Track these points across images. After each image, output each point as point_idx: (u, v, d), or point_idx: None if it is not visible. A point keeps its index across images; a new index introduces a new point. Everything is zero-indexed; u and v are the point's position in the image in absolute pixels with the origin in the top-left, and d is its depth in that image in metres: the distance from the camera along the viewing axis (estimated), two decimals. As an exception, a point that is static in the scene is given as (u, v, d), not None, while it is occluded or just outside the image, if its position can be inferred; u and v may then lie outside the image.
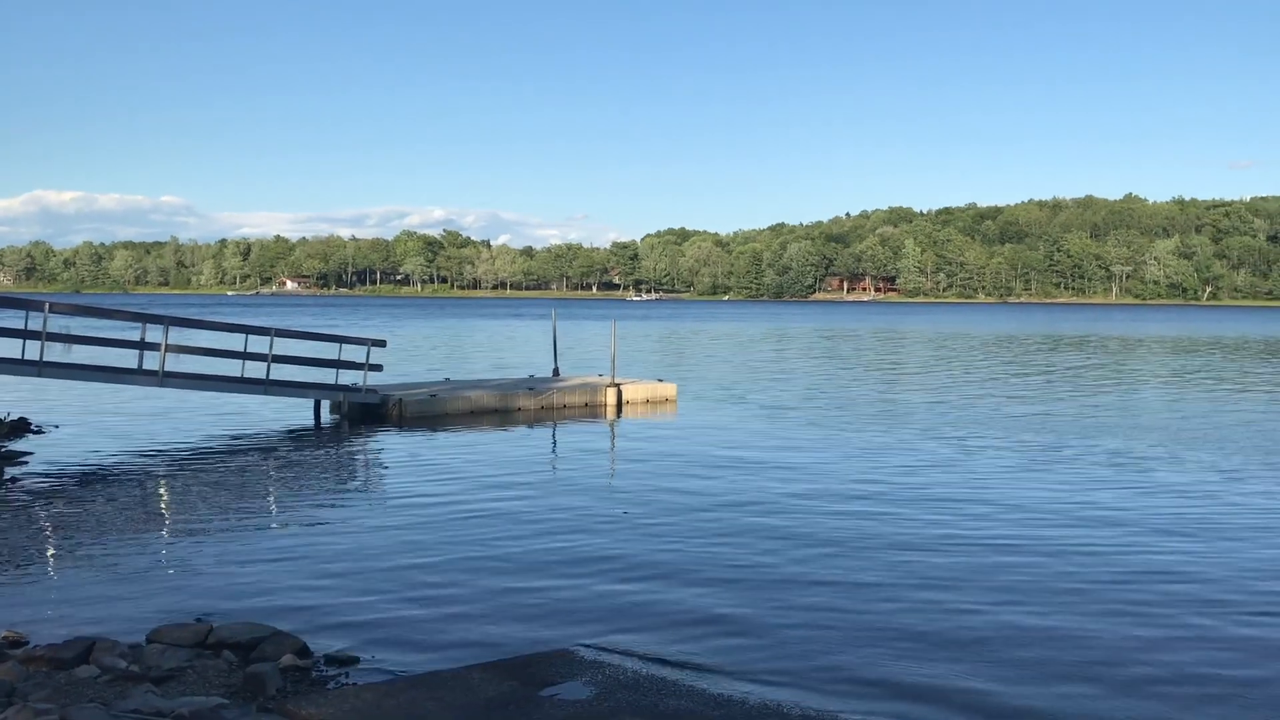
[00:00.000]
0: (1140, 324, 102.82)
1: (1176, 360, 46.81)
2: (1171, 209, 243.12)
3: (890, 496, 14.54)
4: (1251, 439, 20.57)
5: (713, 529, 12.42)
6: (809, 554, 11.25)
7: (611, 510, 13.49)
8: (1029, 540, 11.99)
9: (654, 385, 27.04)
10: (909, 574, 10.51)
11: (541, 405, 24.51)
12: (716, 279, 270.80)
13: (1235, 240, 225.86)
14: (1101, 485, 15.50)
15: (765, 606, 9.41)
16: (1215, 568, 10.86)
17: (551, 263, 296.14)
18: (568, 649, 8.18)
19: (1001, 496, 14.59)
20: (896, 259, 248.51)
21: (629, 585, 10.03)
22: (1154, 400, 28.42)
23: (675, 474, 16.22)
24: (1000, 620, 9.08)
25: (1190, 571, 10.70)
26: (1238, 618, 9.23)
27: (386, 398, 22.92)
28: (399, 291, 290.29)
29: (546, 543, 11.67)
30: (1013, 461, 17.63)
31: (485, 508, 13.54)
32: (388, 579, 10.16)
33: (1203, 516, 13.37)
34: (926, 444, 19.53)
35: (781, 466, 16.93)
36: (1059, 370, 39.94)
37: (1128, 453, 18.63)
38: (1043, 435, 20.83)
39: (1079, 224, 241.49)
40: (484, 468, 16.60)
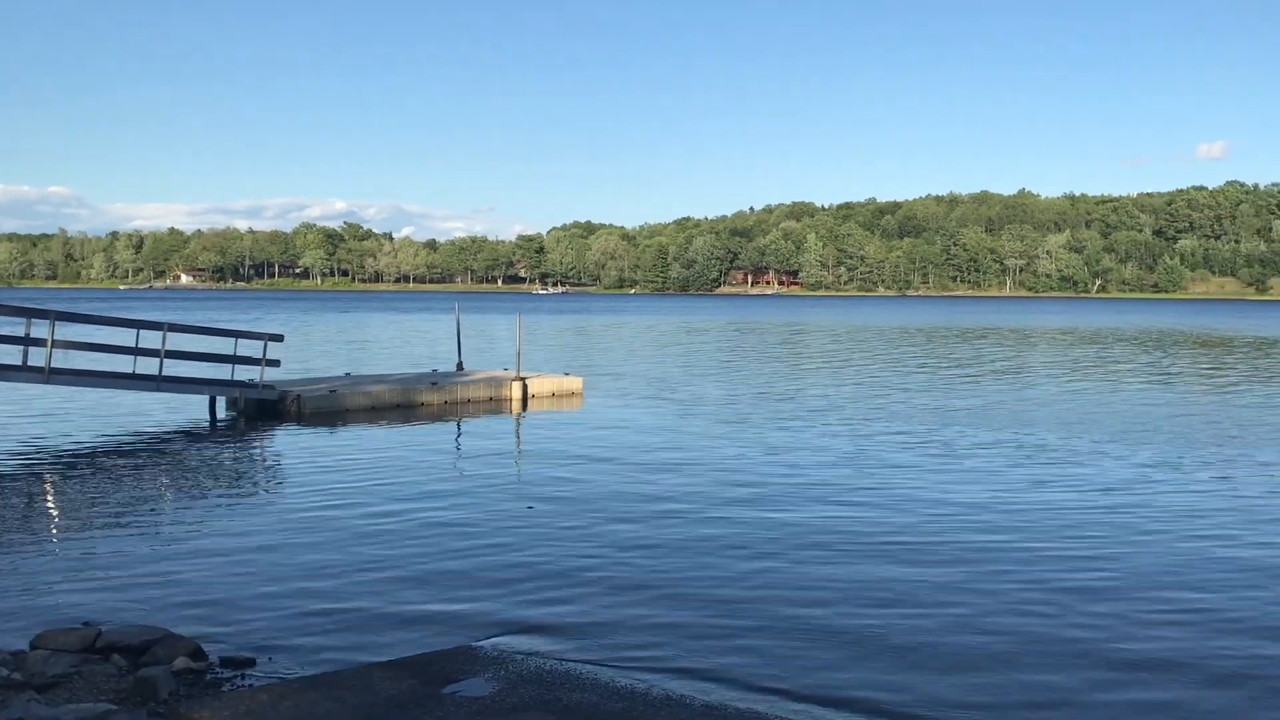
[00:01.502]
0: (1034, 316, 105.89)
1: (1074, 350, 48.33)
2: (1063, 204, 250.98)
3: (794, 490, 14.73)
4: (1156, 426, 21.35)
5: (618, 523, 12.45)
6: (712, 548, 11.34)
7: (516, 506, 13.43)
8: (927, 530, 12.28)
9: (560, 379, 26.98)
10: (811, 566, 10.68)
11: (445, 400, 24.27)
12: (623, 272, 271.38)
13: (1123, 235, 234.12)
14: (993, 476, 15.94)
15: (668, 600, 9.47)
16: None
17: (456, 256, 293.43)
18: (469, 645, 8.13)
19: (903, 487, 14.90)
20: (799, 253, 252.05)
21: (533, 581, 10.00)
22: (1050, 390, 29.29)
23: (581, 468, 16.21)
24: (897, 612, 9.29)
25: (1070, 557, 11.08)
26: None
27: (285, 394, 22.47)
28: (298, 285, 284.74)
29: (449, 540, 11.57)
30: (915, 453, 18.01)
31: (386, 506, 13.36)
32: (285, 579, 9.97)
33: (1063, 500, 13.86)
34: (831, 437, 19.85)
35: (687, 461, 17.04)
36: (961, 362, 40.92)
37: (1023, 442, 19.18)
38: (947, 426, 21.33)
39: (974, 219, 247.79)
40: (385, 464, 16.39)
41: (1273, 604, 9.50)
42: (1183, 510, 13.37)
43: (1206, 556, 11.10)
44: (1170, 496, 14.25)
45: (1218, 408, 25.09)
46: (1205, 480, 15.57)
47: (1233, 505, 13.78)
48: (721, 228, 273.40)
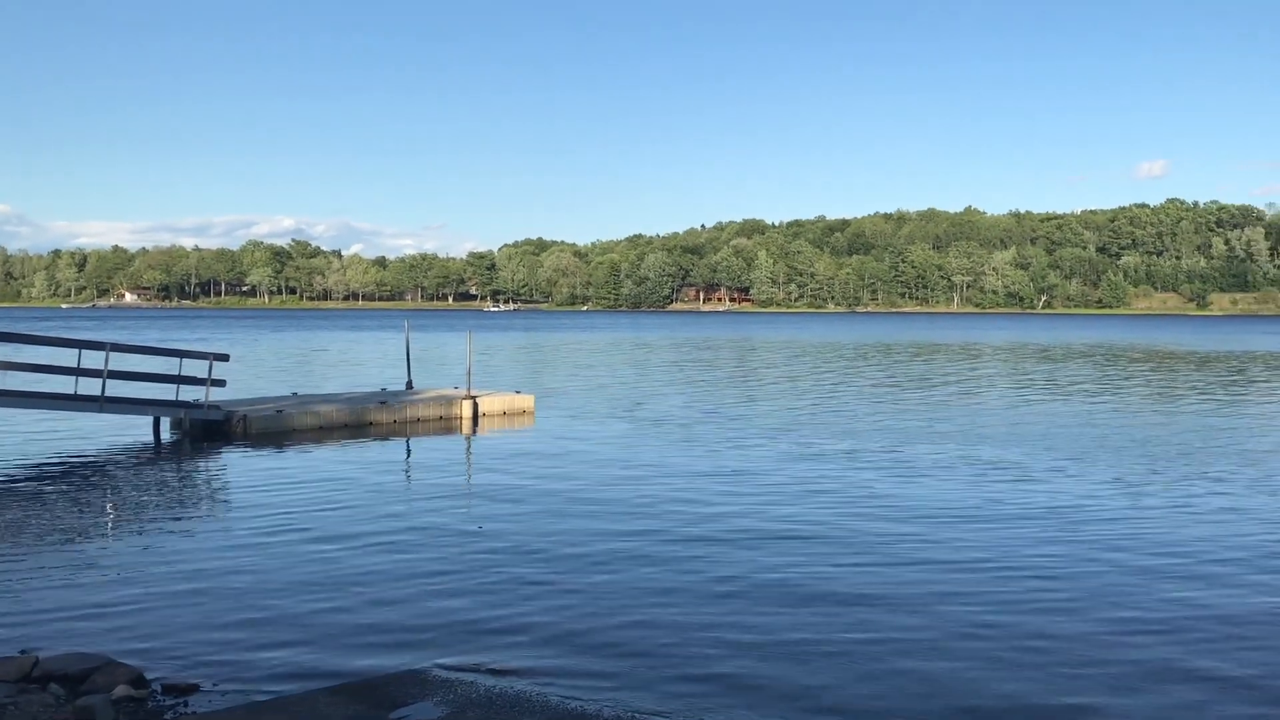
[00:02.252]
0: (983, 332, 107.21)
1: (1028, 366, 48.98)
2: (1009, 221, 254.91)
3: (746, 511, 14.76)
4: (1113, 443, 21.67)
5: (569, 545, 12.40)
6: (664, 570, 11.33)
7: (466, 526, 13.34)
8: (879, 542, 12.36)
9: (511, 397, 26.86)
10: (766, 590, 10.70)
11: (394, 419, 24.08)
12: (575, 289, 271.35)
13: (1068, 251, 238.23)
14: (946, 496, 16.11)
15: (620, 620, 9.44)
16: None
17: (406, 273, 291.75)
18: (418, 669, 8.05)
19: (858, 509, 14.99)
20: (750, 270, 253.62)
21: (483, 603, 9.93)
22: (1007, 407, 29.65)
23: (532, 488, 16.14)
24: (843, 621, 9.34)
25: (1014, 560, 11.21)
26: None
27: (230, 414, 22.17)
28: (245, 303, 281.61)
29: (398, 562, 11.46)
30: (872, 473, 18.14)
31: (334, 527, 13.21)
32: (230, 603, 9.81)
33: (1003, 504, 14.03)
34: (783, 455, 19.94)
35: (639, 480, 17.02)
36: (914, 379, 41.30)
37: (978, 458, 19.40)
38: (903, 444, 21.51)
39: (922, 236, 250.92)
40: (333, 485, 16.20)
41: (1227, 619, 9.68)
42: (1139, 528, 13.59)
43: (1163, 574, 11.28)
44: (1127, 513, 14.49)
45: (1168, 423, 25.53)
46: (1162, 497, 15.83)
47: (1185, 521, 14.03)
48: (673, 245, 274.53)
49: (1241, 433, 23.47)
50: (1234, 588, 10.66)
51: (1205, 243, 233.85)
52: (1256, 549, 12.31)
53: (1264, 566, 11.50)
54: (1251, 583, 10.83)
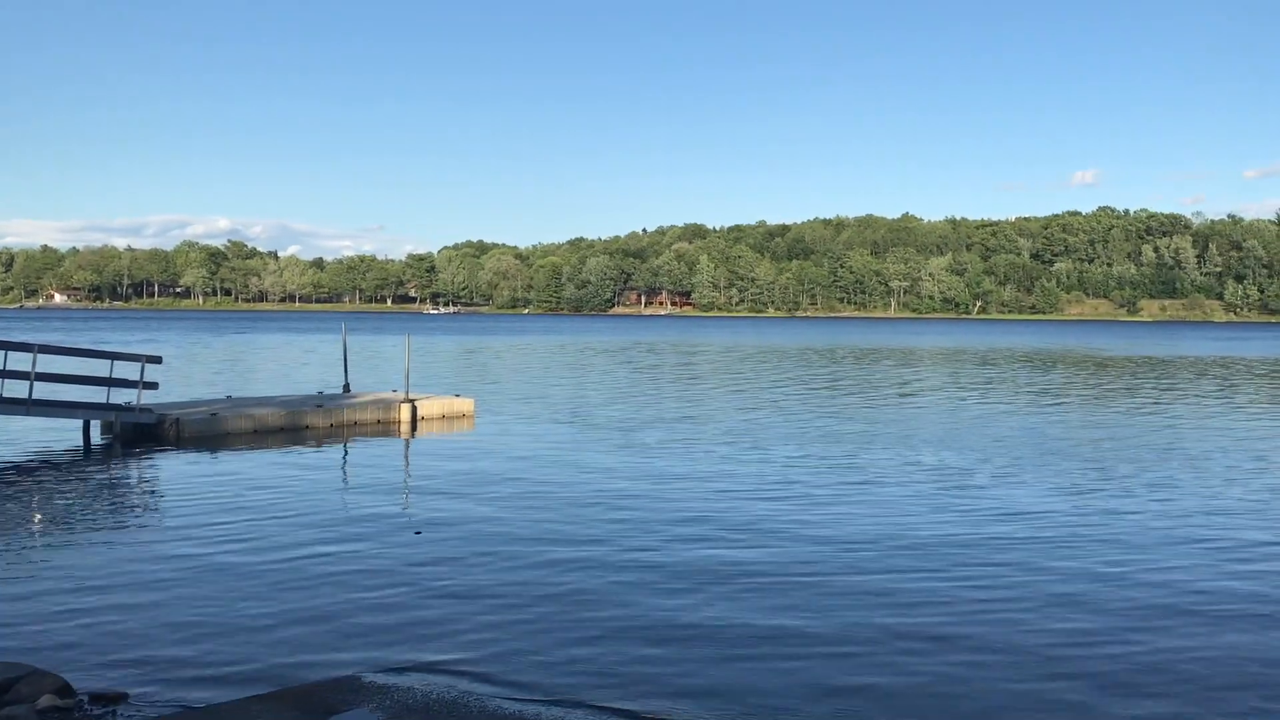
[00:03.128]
0: (921, 336, 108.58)
1: (969, 370, 49.69)
2: (945, 228, 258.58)
3: (686, 508, 14.82)
4: (1055, 447, 22.06)
5: (507, 549, 12.35)
6: (602, 574, 11.33)
7: (403, 532, 13.22)
8: (829, 557, 12.47)
9: (450, 400, 26.69)
10: (706, 583, 10.74)
11: (331, 423, 23.80)
12: (516, 292, 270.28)
13: (1002, 258, 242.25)
14: (887, 501, 16.29)
15: (558, 622, 9.42)
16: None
17: (344, 275, 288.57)
18: (354, 675, 7.97)
19: (798, 512, 15.10)
20: (692, 274, 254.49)
21: (421, 608, 9.85)
22: (947, 410, 30.06)
23: (470, 493, 16.05)
24: (774, 624, 9.41)
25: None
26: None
27: (163, 417, 21.76)
28: (179, 305, 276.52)
29: (333, 568, 11.32)
30: (816, 477, 18.29)
31: (268, 533, 13.02)
32: (161, 612, 9.63)
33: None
34: (725, 460, 20.03)
35: (578, 484, 17.01)
36: (856, 383, 41.71)
37: (921, 463, 19.65)
38: (845, 448, 21.72)
39: (860, 241, 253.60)
40: (268, 490, 15.97)
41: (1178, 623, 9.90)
42: (1086, 532, 13.85)
43: (1107, 579, 11.51)
44: (1074, 518, 14.76)
45: (1106, 427, 26.05)
46: (1108, 501, 16.14)
47: (1131, 525, 14.32)
48: (615, 248, 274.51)
49: (1182, 435, 24.03)
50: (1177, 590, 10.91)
51: (1135, 250, 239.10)
52: (1211, 546, 12.61)
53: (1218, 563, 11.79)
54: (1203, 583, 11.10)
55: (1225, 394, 36.99)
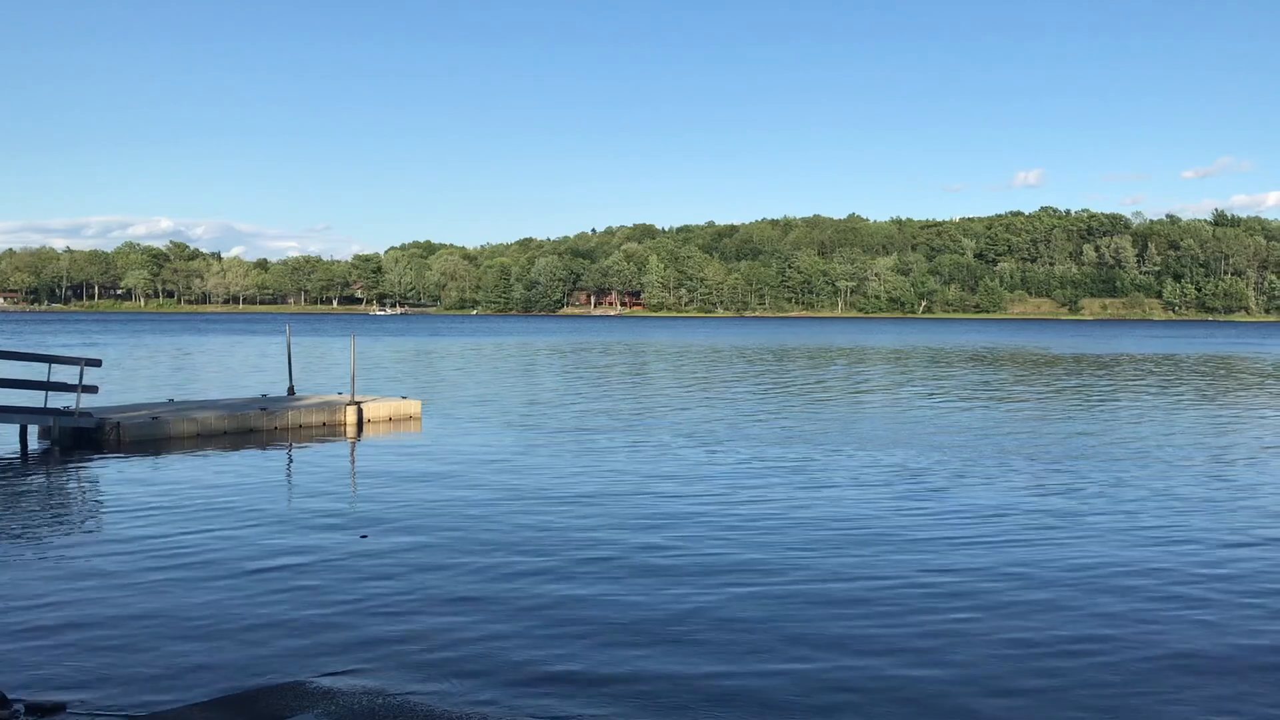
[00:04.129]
0: (867, 336, 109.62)
1: (919, 369, 50.21)
2: (890, 228, 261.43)
3: (635, 510, 14.85)
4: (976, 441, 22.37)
5: (455, 551, 12.31)
6: (551, 574, 11.33)
7: (349, 535, 13.12)
8: (785, 554, 12.56)
9: (397, 403, 26.50)
10: (653, 593, 10.78)
11: (275, 426, 23.55)
12: (464, 293, 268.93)
13: (947, 258, 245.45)
14: (846, 498, 16.44)
15: (504, 631, 9.40)
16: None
17: (289, 276, 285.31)
18: (297, 681, 7.91)
19: (749, 511, 15.19)
20: (641, 274, 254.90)
21: (367, 613, 9.79)
22: (897, 408, 30.37)
23: (417, 495, 15.96)
24: (718, 615, 9.48)
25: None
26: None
27: (103, 421, 21.40)
28: (120, 307, 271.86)
29: (277, 573, 11.21)
30: (767, 477, 18.40)
31: (211, 537, 12.86)
32: (100, 619, 9.48)
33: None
34: (675, 459, 20.10)
35: (527, 486, 16.97)
36: (807, 382, 42.00)
37: (878, 463, 19.85)
38: (800, 448, 21.87)
39: (808, 242, 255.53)
40: (211, 494, 15.77)
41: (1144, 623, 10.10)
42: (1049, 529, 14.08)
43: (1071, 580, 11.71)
44: (1033, 518, 14.99)
45: (1054, 423, 26.47)
46: (1064, 498, 16.41)
47: (1093, 523, 14.57)
48: (564, 249, 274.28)
49: (1134, 431, 24.49)
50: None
51: (1077, 250, 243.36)
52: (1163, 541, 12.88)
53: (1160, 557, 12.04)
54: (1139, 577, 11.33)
55: (1170, 391, 37.76)
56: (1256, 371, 51.19)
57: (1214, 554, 12.39)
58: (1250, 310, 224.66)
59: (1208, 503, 15.68)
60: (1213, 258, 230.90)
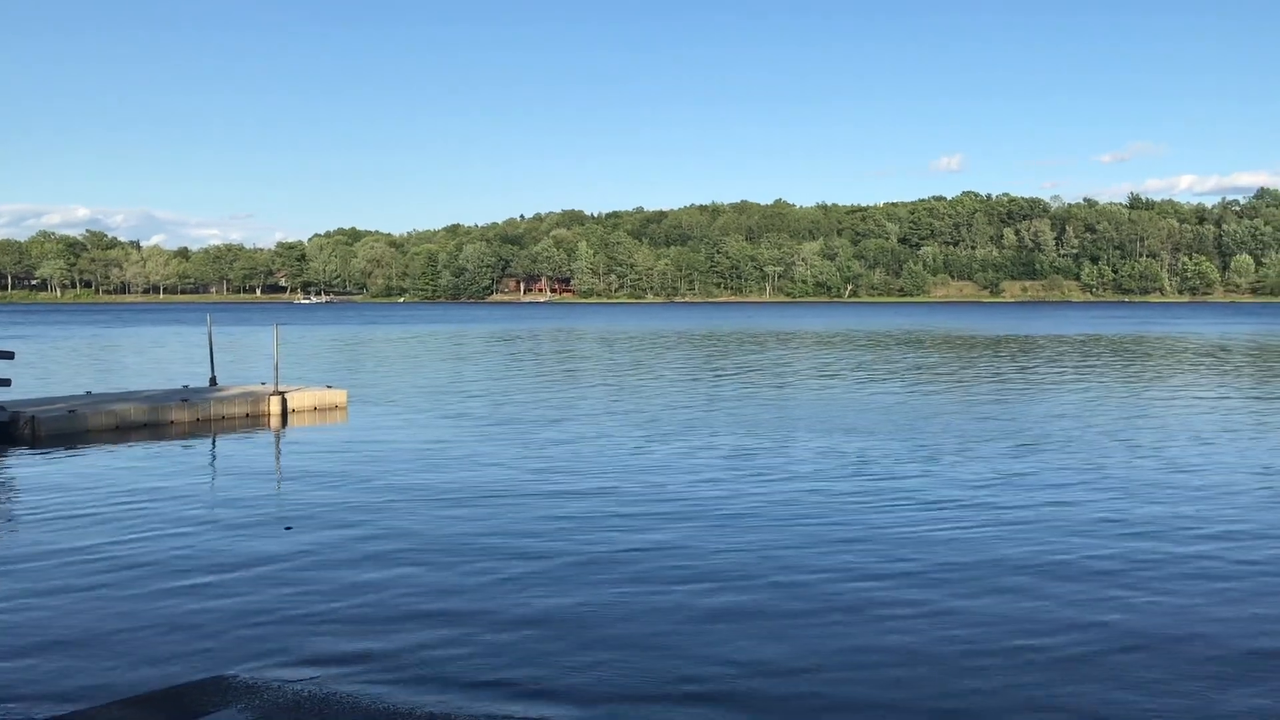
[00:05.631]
0: (796, 320, 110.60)
1: (849, 352, 50.80)
2: (816, 214, 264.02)
3: (559, 498, 14.87)
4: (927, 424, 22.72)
5: (380, 541, 12.22)
6: (475, 562, 11.32)
7: (273, 527, 12.96)
8: (712, 542, 12.66)
9: (322, 392, 26.16)
10: (574, 574, 10.81)
11: (197, 418, 23.11)
12: (391, 280, 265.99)
13: (872, 243, 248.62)
14: (771, 484, 16.60)
15: (430, 620, 9.37)
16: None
17: (210, 264, 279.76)
18: (221, 676, 7.81)
19: (676, 496, 15.28)
20: (571, 260, 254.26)
21: (291, 605, 9.68)
22: (805, 391, 30.71)
23: (342, 485, 15.80)
24: (644, 606, 9.56)
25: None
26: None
27: (17, 415, 20.82)
28: (34, 298, 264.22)
29: (200, 567, 11.04)
30: (694, 457, 18.51)
31: (130, 533, 12.60)
32: (15, 616, 9.26)
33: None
34: (603, 446, 20.14)
35: (452, 473, 16.90)
36: (739, 366, 42.27)
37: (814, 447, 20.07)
38: (731, 434, 22.03)
39: (736, 227, 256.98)
40: (130, 489, 15.44)
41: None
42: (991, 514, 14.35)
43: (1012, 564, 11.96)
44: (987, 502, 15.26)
45: (974, 408, 26.99)
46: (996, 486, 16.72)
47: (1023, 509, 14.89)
48: (493, 235, 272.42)
49: (1072, 410, 25.06)
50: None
51: (997, 233, 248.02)
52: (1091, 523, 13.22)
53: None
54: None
55: (1094, 370, 38.70)
56: (1196, 350, 52.66)
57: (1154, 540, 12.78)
58: (1165, 291, 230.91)
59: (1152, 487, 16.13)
60: (1128, 240, 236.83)
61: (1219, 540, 12.14)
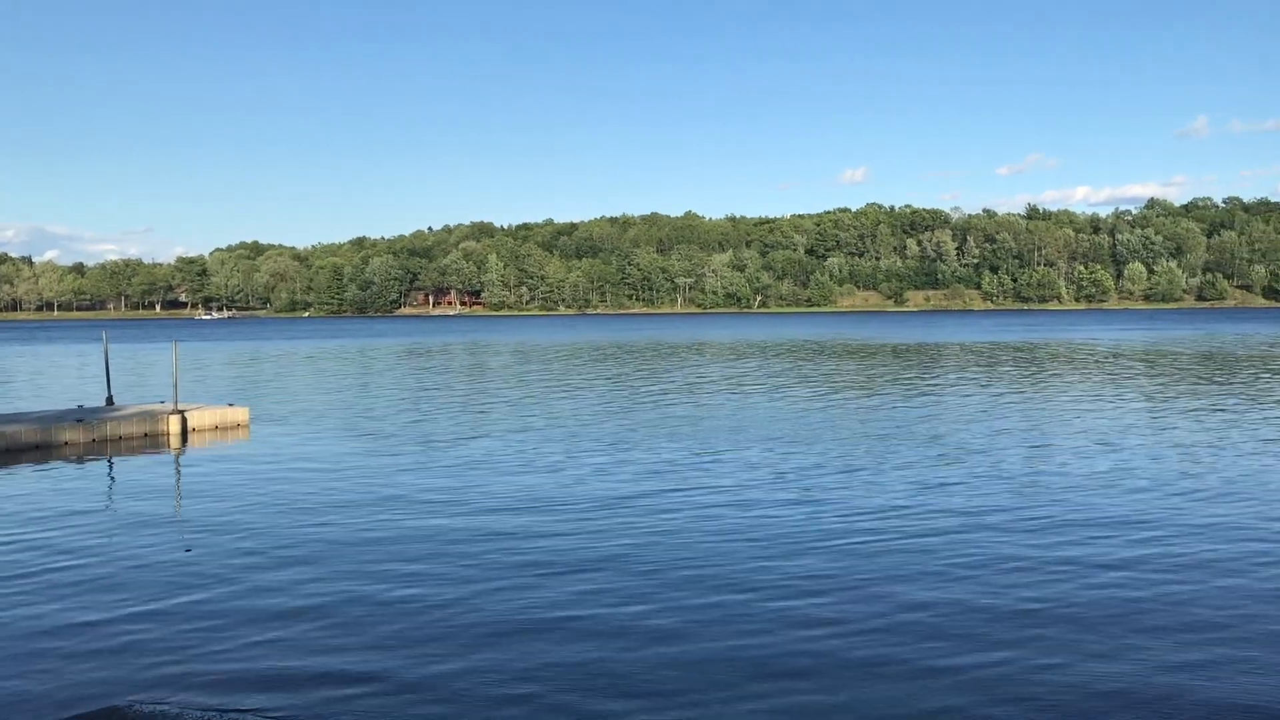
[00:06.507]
0: (706, 331, 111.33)
1: (765, 362, 51.24)
2: (725, 225, 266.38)
3: (461, 514, 14.75)
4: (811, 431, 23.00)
5: (284, 562, 11.99)
6: (379, 582, 11.18)
7: (173, 549, 12.62)
8: (626, 547, 12.66)
9: (223, 410, 25.56)
10: (490, 596, 10.74)
11: (93, 438, 22.40)
12: (295, 295, 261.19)
13: (780, 254, 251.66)
14: (692, 494, 16.67)
15: (332, 641, 9.24)
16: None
17: (107, 280, 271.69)
18: (116, 706, 7.59)
19: (573, 493, 15.26)
20: (481, 273, 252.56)
21: (191, 630, 9.45)
22: (721, 402, 30.92)
23: (244, 505, 15.46)
24: (571, 614, 9.53)
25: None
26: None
27: (-103, 440, 19.94)
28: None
29: (95, 592, 10.71)
30: (595, 467, 18.50)
31: (19, 558, 12.17)
32: (-107, 651, 8.86)
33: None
34: (510, 459, 20.03)
35: (357, 493, 16.65)
36: (639, 380, 42.35)
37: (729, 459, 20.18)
38: (643, 445, 22.05)
39: (646, 239, 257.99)
40: (20, 514, 14.90)
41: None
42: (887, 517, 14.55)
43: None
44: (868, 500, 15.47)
45: (877, 413, 27.45)
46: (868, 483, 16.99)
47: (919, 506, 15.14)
48: (400, 247, 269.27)
49: (958, 417, 25.60)
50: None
51: (901, 244, 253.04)
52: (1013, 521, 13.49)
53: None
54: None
55: (1003, 377, 39.68)
56: (1096, 356, 54.26)
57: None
58: (1062, 299, 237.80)
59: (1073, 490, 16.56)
60: (1026, 250, 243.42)
61: (1109, 528, 12.56)
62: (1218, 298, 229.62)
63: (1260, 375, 39.53)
